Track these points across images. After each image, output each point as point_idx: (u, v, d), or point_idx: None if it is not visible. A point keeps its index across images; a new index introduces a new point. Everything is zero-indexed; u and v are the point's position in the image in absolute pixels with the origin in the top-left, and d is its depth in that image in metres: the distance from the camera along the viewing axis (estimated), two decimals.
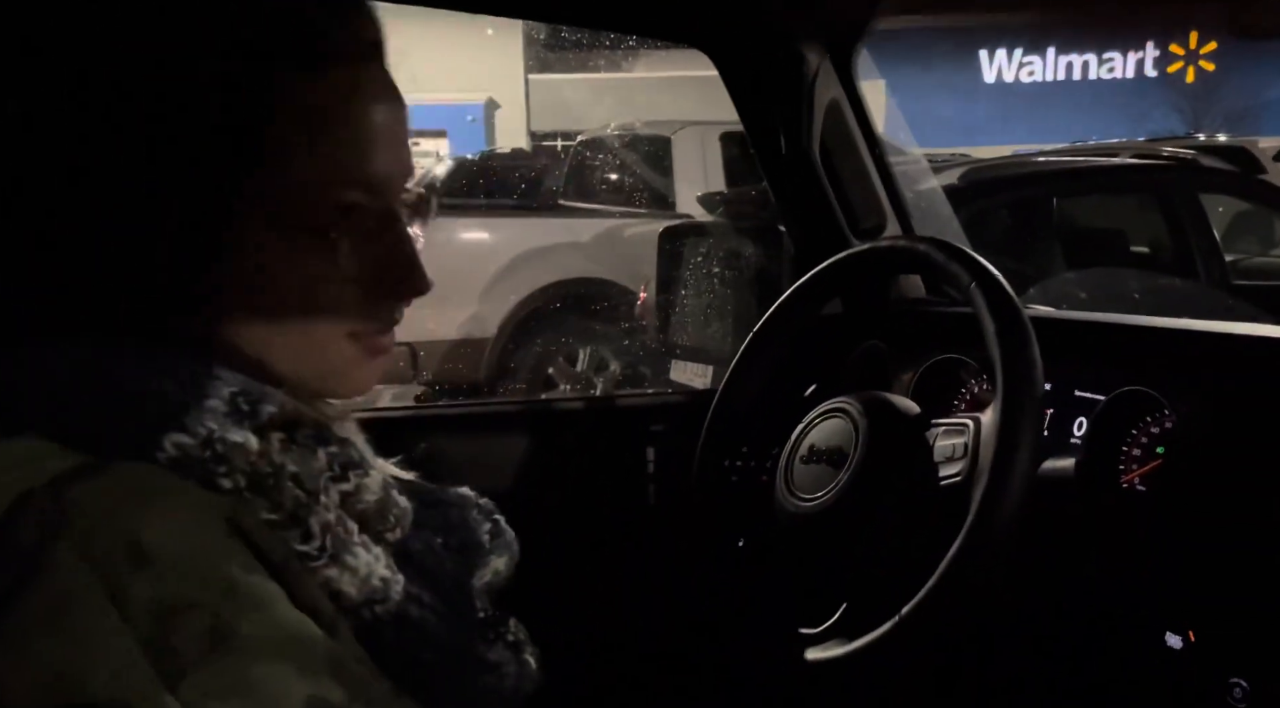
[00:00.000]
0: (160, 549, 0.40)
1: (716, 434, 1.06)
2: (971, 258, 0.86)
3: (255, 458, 0.45)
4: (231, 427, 0.45)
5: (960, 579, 0.75)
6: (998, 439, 0.76)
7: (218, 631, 0.40)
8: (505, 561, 0.62)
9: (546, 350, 4.26)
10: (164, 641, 0.39)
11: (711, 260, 1.66)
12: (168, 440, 0.44)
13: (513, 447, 1.27)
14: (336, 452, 0.50)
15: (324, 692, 0.42)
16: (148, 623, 0.39)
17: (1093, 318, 1.05)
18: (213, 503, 0.44)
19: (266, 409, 0.47)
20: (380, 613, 0.49)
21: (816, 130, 1.21)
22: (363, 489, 0.51)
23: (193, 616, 0.40)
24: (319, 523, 0.47)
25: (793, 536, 0.92)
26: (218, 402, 0.46)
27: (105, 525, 0.40)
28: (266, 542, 0.44)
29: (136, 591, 0.39)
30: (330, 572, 0.47)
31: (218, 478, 0.44)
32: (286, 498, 0.46)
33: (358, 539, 0.49)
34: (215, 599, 0.41)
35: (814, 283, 1.04)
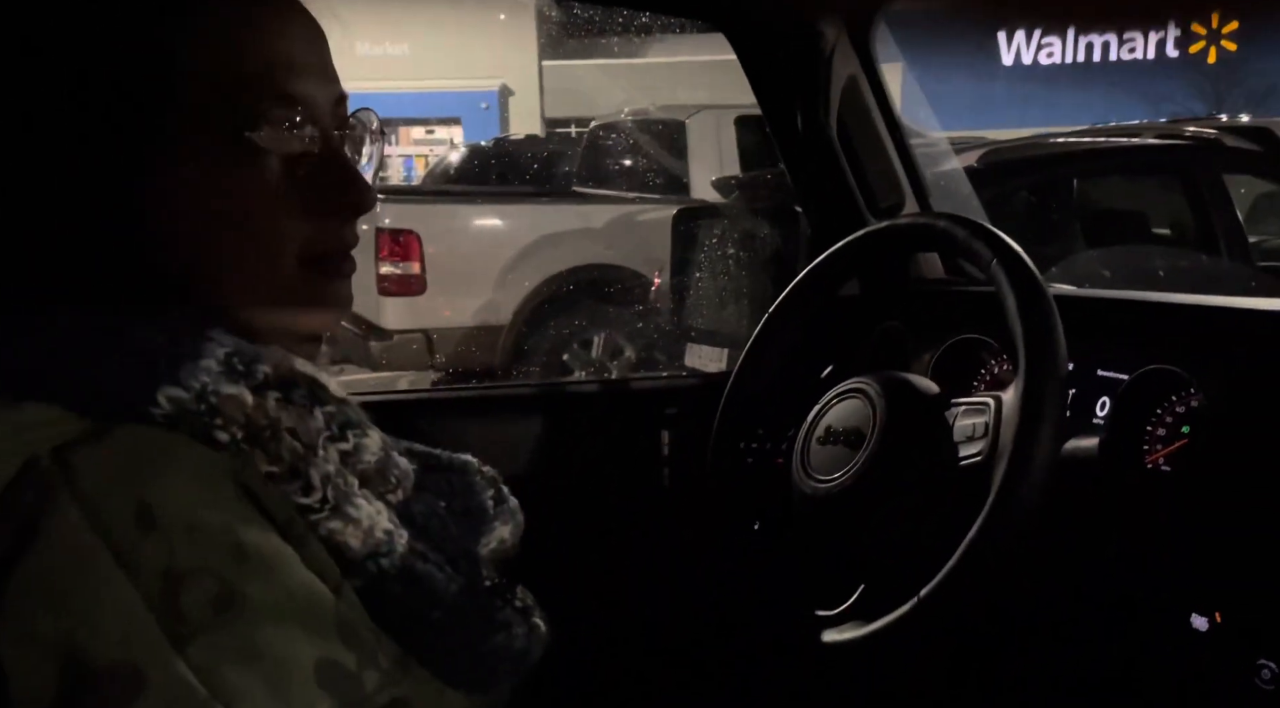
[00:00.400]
0: (167, 513, 0.40)
1: (731, 417, 1.05)
2: (993, 234, 0.84)
3: (250, 411, 0.45)
4: (225, 382, 0.45)
5: (980, 561, 0.74)
6: (1019, 418, 0.74)
7: (226, 594, 0.40)
8: (510, 530, 0.62)
9: (561, 337, 4.25)
10: (172, 604, 0.39)
11: (726, 242, 1.65)
12: (161, 395, 0.43)
13: (527, 430, 1.26)
14: (334, 411, 0.50)
15: (334, 654, 0.42)
16: (156, 587, 0.39)
17: (1116, 295, 1.03)
18: (218, 463, 0.43)
19: (261, 369, 0.47)
20: (386, 566, 0.48)
21: (834, 107, 1.19)
22: (361, 449, 0.50)
23: (201, 579, 0.40)
24: (319, 475, 0.46)
25: (809, 518, 0.91)
26: (211, 361, 0.45)
27: (112, 490, 0.40)
28: (271, 499, 0.44)
29: (145, 554, 0.39)
30: (333, 524, 0.46)
31: (214, 431, 0.44)
32: (284, 450, 0.46)
33: (359, 492, 0.49)
34: (223, 563, 0.40)
35: (830, 262, 1.03)
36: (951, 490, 0.81)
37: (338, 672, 0.42)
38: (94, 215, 0.47)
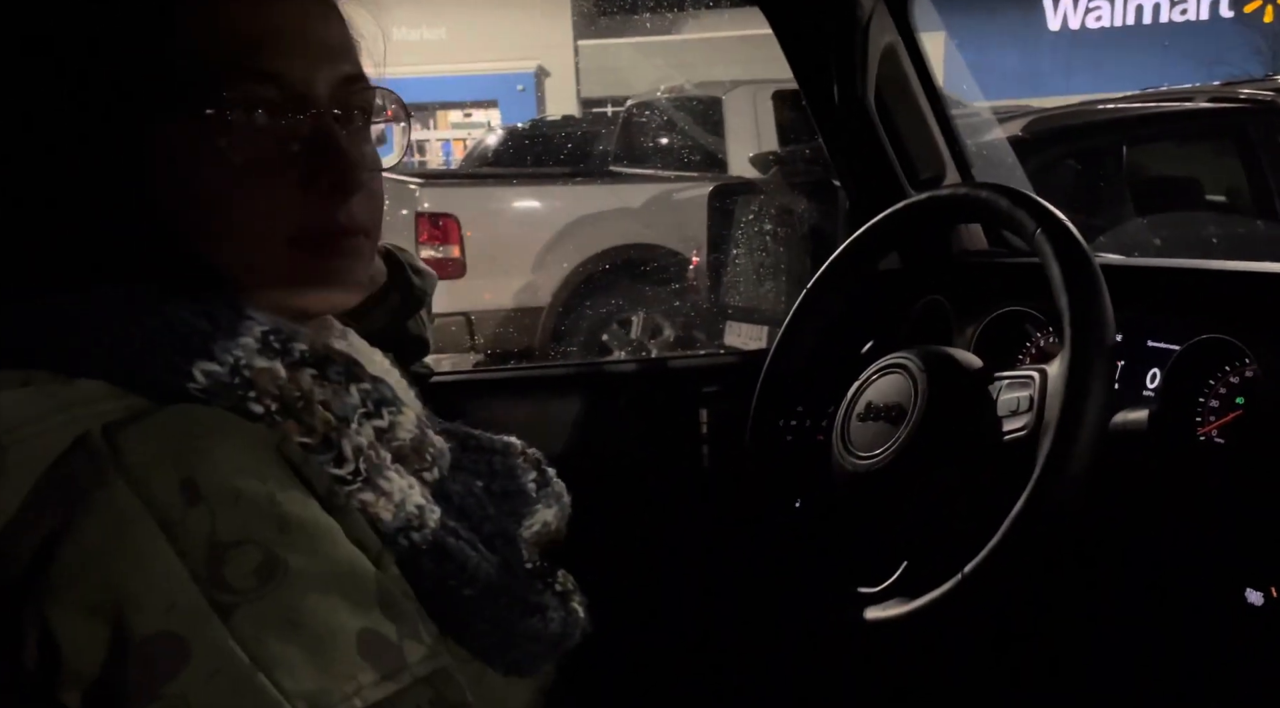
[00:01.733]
0: (213, 485, 0.41)
1: (770, 394, 1.04)
2: (1036, 203, 0.82)
3: (284, 384, 0.46)
4: (259, 357, 0.46)
5: (1025, 537, 0.72)
6: (1065, 391, 0.72)
7: (269, 565, 0.41)
8: (555, 513, 0.62)
9: (600, 317, 4.26)
10: (217, 575, 0.40)
11: (763, 218, 1.63)
12: (197, 369, 0.45)
13: (567, 410, 1.26)
14: (369, 389, 0.51)
15: (375, 625, 0.43)
16: (202, 557, 0.40)
17: (1167, 264, 1.00)
18: (261, 436, 0.44)
19: (298, 346, 0.48)
20: (417, 540, 0.49)
21: (871, 77, 1.16)
22: (396, 427, 0.51)
23: (245, 550, 0.41)
24: (351, 446, 0.47)
25: (851, 495, 0.90)
26: (250, 339, 0.47)
27: (158, 465, 0.41)
28: (312, 470, 0.45)
29: (190, 526, 0.40)
30: (365, 496, 0.47)
31: (248, 403, 0.45)
32: (317, 421, 0.47)
33: (391, 466, 0.49)
34: (267, 534, 0.41)
35: (870, 236, 1.01)
36: (995, 466, 0.80)
37: (379, 642, 0.42)
38: (93, 194, 0.49)
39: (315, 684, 0.39)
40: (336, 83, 0.52)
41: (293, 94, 0.50)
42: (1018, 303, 1.05)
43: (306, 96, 0.50)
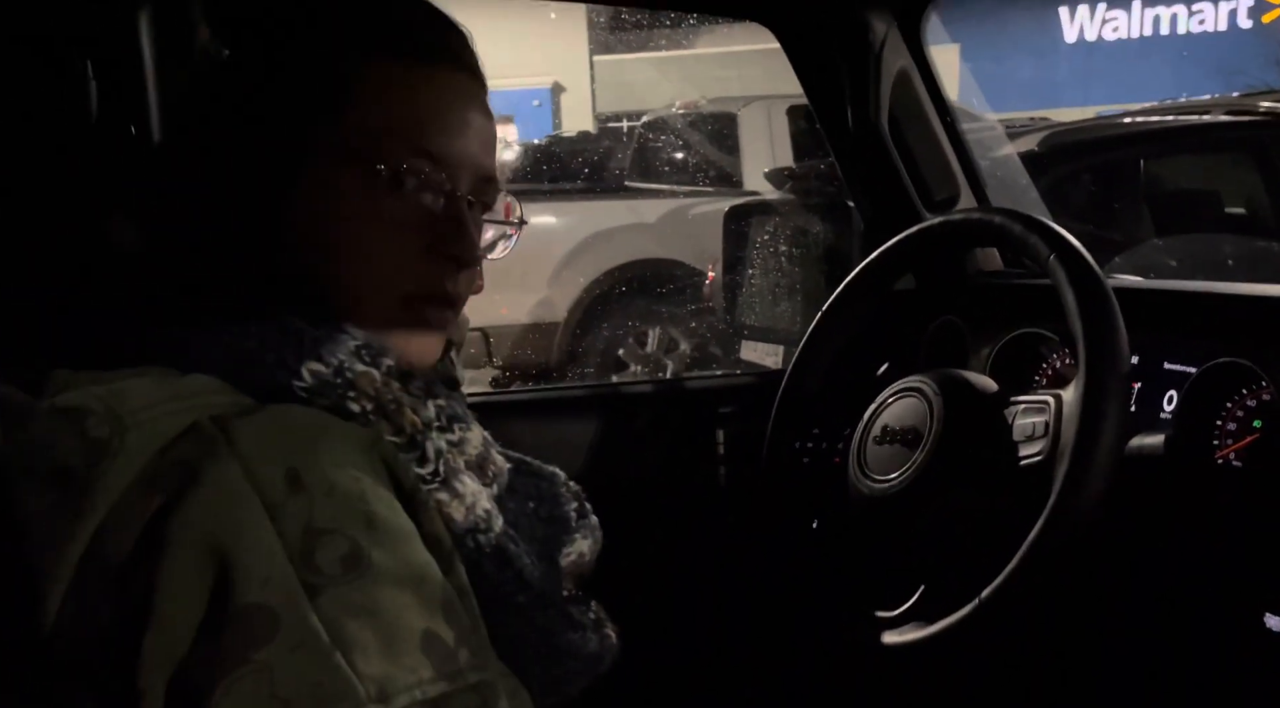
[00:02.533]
0: (313, 476, 0.45)
1: (787, 415, 1.05)
2: (1049, 228, 0.83)
3: (379, 387, 0.51)
4: (358, 362, 0.51)
5: (1042, 562, 0.73)
6: (1080, 416, 0.73)
7: (355, 555, 0.44)
8: (589, 545, 0.64)
9: (616, 332, 4.27)
10: (309, 558, 0.43)
11: (779, 238, 1.64)
12: (305, 368, 0.50)
13: (583, 431, 1.27)
14: (444, 405, 0.55)
15: (438, 628, 0.45)
16: (298, 540, 0.43)
17: (1181, 286, 1.00)
18: (359, 435, 0.48)
19: (385, 361, 0.53)
20: (483, 542, 0.53)
21: (885, 101, 1.17)
22: (466, 442, 0.55)
23: (335, 539, 0.44)
24: (433, 448, 0.52)
25: (867, 518, 0.91)
26: (347, 347, 0.52)
27: (266, 453, 0.45)
28: (400, 468, 0.49)
29: (291, 511, 0.43)
30: (441, 495, 0.52)
31: (347, 402, 0.50)
32: (406, 422, 0.51)
33: (465, 471, 0.54)
34: (356, 527, 0.44)
35: (885, 258, 1.02)
36: (1011, 491, 0.80)
37: (439, 644, 0.45)
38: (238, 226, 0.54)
39: (383, 670, 0.42)
40: (477, 176, 0.58)
41: (442, 173, 0.56)
42: (1033, 325, 1.06)
43: (451, 178, 0.57)
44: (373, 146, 0.54)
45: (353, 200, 0.54)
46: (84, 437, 0.43)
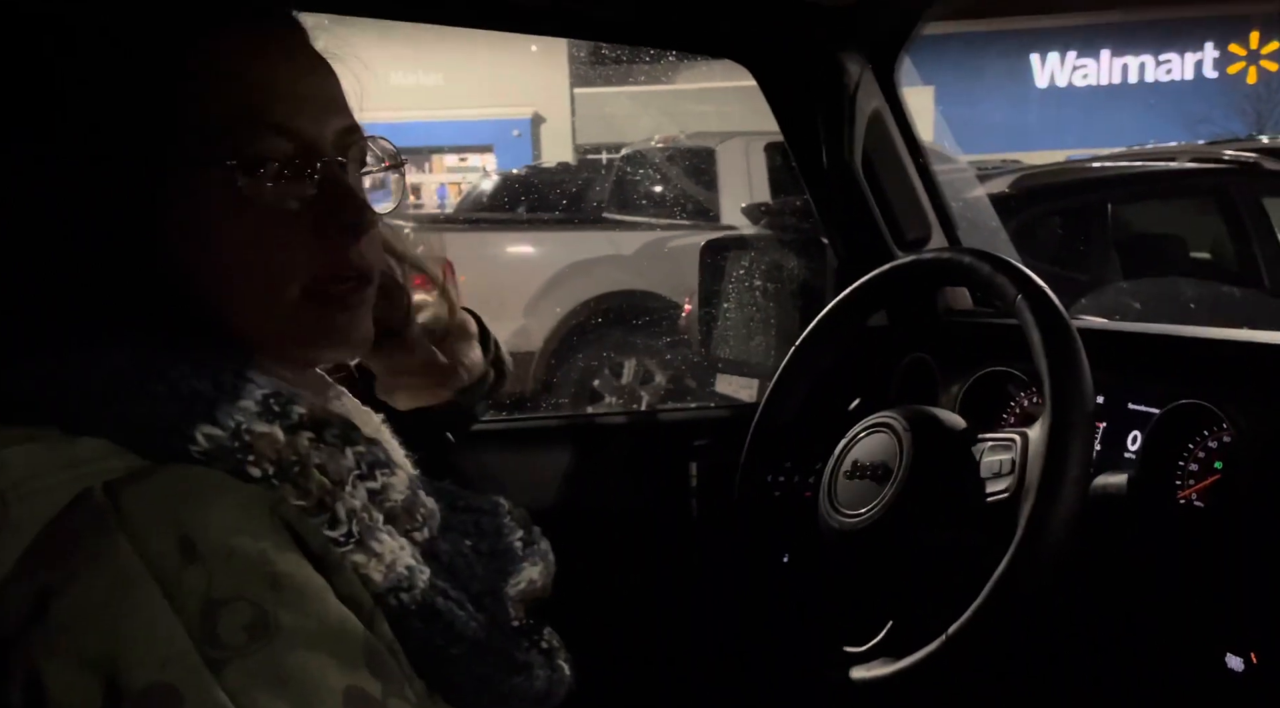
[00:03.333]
0: (209, 544, 0.42)
1: (759, 449, 1.05)
2: (1017, 270, 0.85)
3: (281, 448, 0.48)
4: (259, 421, 0.48)
5: (1008, 598, 0.73)
6: (1046, 455, 0.74)
7: (260, 621, 0.42)
8: (540, 570, 0.63)
9: (592, 363, 4.27)
10: (210, 630, 0.41)
11: (754, 273, 1.66)
12: (199, 432, 0.46)
13: (556, 461, 1.27)
14: (364, 451, 0.52)
15: (362, 683, 0.43)
16: (196, 613, 0.41)
17: (1145, 329, 1.02)
18: (257, 496, 0.46)
19: (296, 410, 0.49)
20: (406, 601, 0.50)
21: (859, 141, 1.20)
22: (389, 488, 0.52)
23: (238, 607, 0.42)
24: (345, 509, 0.49)
25: (837, 552, 0.91)
26: (250, 402, 0.48)
27: (157, 522, 0.42)
28: (306, 530, 0.46)
29: (187, 583, 0.41)
30: (357, 557, 0.48)
31: (246, 466, 0.47)
32: (313, 485, 0.48)
33: (383, 527, 0.51)
34: (259, 591, 0.42)
35: (858, 296, 1.03)
36: (979, 527, 0.81)
37: (365, 699, 0.43)
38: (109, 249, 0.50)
39: None
40: (338, 134, 0.54)
41: (302, 145, 0.52)
42: (1001, 363, 1.07)
43: (315, 147, 0.52)
44: (219, 140, 0.49)
45: (219, 202, 0.50)
46: None
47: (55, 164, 0.50)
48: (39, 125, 0.49)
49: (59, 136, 0.50)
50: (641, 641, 1.20)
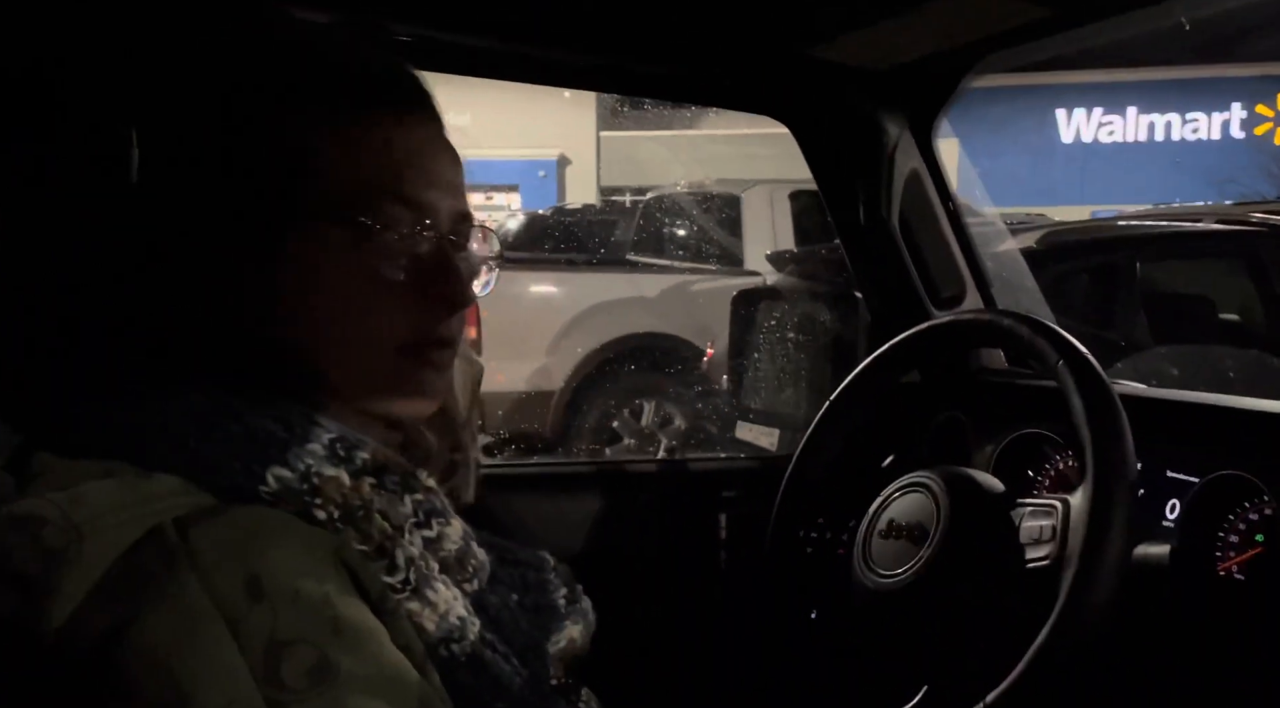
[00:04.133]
0: (275, 585, 0.43)
1: (791, 503, 1.05)
2: (1058, 334, 0.85)
3: (347, 492, 0.49)
4: (327, 465, 0.49)
5: (1048, 668, 0.72)
6: (1088, 523, 0.73)
7: (322, 665, 0.42)
8: (581, 630, 0.63)
9: (612, 404, 4.28)
10: (274, 672, 0.42)
11: (785, 325, 1.66)
12: (270, 473, 0.48)
13: (584, 507, 1.27)
14: (422, 499, 0.53)
15: None
16: (261, 654, 0.42)
17: (1187, 397, 1.02)
18: (322, 540, 0.47)
19: (360, 455, 0.51)
20: (457, 652, 0.51)
21: (896, 200, 1.21)
22: (444, 537, 0.54)
23: (301, 649, 0.42)
24: (404, 556, 0.50)
25: (871, 612, 0.90)
26: (317, 445, 0.50)
27: (227, 562, 0.43)
28: (367, 575, 0.47)
29: (253, 623, 0.42)
30: (412, 605, 0.49)
31: (313, 509, 0.48)
32: (375, 530, 0.49)
33: (439, 576, 0.52)
34: (322, 635, 0.43)
35: (894, 352, 1.04)
36: (1017, 593, 0.80)
37: None
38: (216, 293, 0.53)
39: None
40: (454, 216, 0.57)
41: (422, 219, 0.55)
42: (1037, 425, 1.07)
43: (432, 222, 0.56)
44: (352, 202, 0.53)
45: (339, 258, 0.53)
46: (39, 545, 0.43)
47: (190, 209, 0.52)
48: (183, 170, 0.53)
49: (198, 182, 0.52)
50: (668, 694, 1.19)
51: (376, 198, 0.53)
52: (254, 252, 0.52)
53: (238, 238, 0.52)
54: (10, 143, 0.57)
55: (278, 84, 0.54)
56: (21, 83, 0.58)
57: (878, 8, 0.95)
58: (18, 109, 0.57)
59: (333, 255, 0.53)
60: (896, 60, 1.09)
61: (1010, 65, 1.14)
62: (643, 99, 11.41)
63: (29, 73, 0.58)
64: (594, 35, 1.04)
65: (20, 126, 0.57)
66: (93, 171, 0.57)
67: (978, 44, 1.03)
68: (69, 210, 0.56)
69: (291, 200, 0.52)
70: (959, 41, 1.02)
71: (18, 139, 0.57)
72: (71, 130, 0.58)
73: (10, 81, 0.58)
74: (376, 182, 0.53)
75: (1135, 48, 8.51)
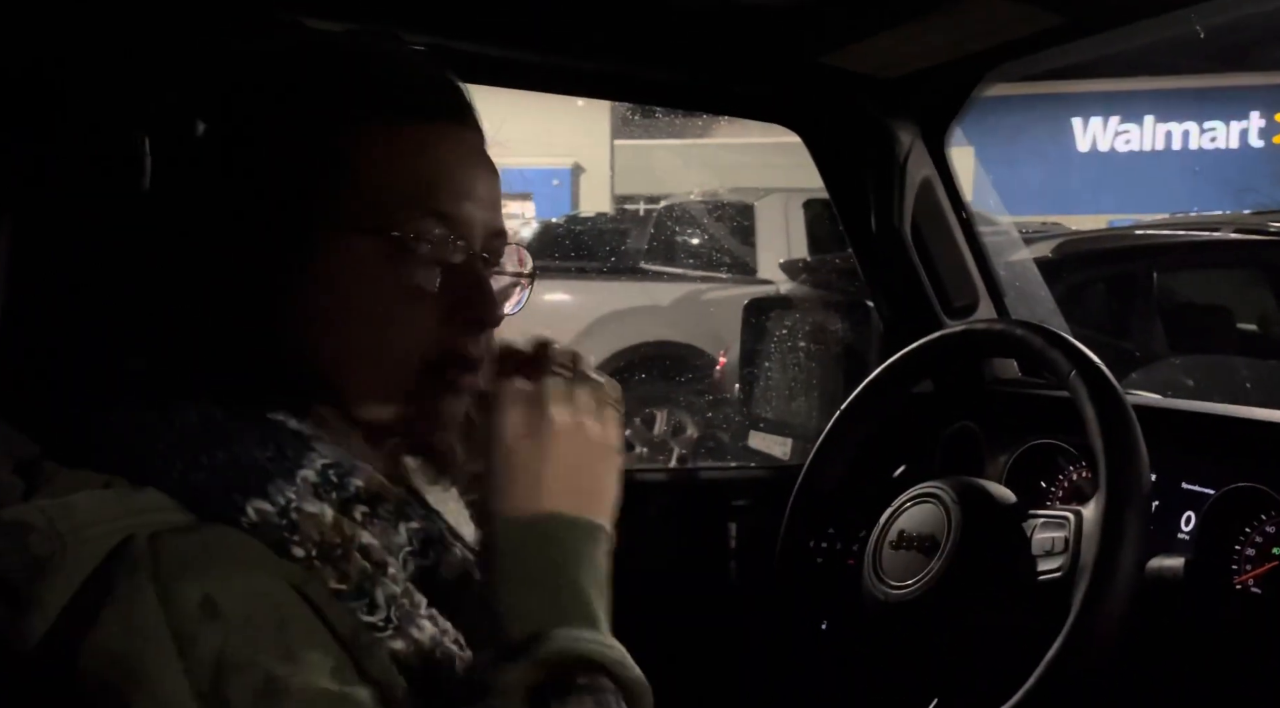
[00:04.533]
0: (231, 607, 0.44)
1: (802, 513, 1.04)
2: (1071, 345, 0.84)
3: (327, 530, 0.48)
4: (311, 498, 0.48)
5: (1060, 682, 0.72)
6: (1101, 536, 0.73)
7: (269, 688, 0.42)
8: None
9: (624, 412, 4.27)
10: (219, 693, 0.42)
11: (797, 334, 1.66)
12: (250, 506, 0.47)
13: None
14: (418, 527, 0.52)
15: None
16: (208, 673, 0.42)
17: (1202, 408, 1.01)
18: (285, 571, 0.46)
19: (354, 482, 0.50)
20: (445, 683, 0.50)
21: (908, 208, 1.20)
22: (444, 565, 0.53)
23: (248, 672, 0.42)
24: (385, 595, 0.49)
25: (881, 623, 0.90)
26: (310, 472, 0.49)
27: (187, 577, 0.44)
28: (334, 613, 0.47)
29: (203, 640, 0.42)
30: (396, 644, 0.49)
31: (290, 545, 0.47)
32: (353, 569, 0.48)
33: (424, 612, 0.51)
34: (271, 660, 0.43)
35: (906, 362, 1.03)
36: (1029, 606, 0.79)
37: None
38: (240, 301, 0.52)
39: None
40: (488, 232, 0.56)
41: (455, 234, 0.54)
42: (1050, 436, 1.06)
43: (466, 238, 0.54)
44: (384, 214, 0.52)
45: (368, 270, 0.52)
46: (25, 553, 0.43)
47: (219, 218, 0.52)
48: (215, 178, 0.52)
49: (228, 190, 0.52)
50: (678, 705, 1.18)
51: (409, 210, 0.52)
52: (282, 261, 0.52)
53: (266, 247, 0.52)
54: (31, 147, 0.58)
55: (311, 92, 0.53)
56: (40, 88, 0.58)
57: (889, 16, 0.95)
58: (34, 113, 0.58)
59: (362, 266, 0.52)
60: (908, 68, 1.09)
61: (1023, 74, 1.13)
62: (656, 108, 11.44)
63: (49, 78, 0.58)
64: (607, 43, 1.04)
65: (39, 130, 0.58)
66: (115, 177, 0.57)
67: (990, 52, 1.03)
68: (92, 216, 0.56)
69: (324, 210, 0.52)
70: (971, 49, 1.02)
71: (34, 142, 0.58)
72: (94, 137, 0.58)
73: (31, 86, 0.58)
74: (410, 193, 0.53)
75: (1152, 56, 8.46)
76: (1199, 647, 0.85)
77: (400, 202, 0.52)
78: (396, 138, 0.53)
